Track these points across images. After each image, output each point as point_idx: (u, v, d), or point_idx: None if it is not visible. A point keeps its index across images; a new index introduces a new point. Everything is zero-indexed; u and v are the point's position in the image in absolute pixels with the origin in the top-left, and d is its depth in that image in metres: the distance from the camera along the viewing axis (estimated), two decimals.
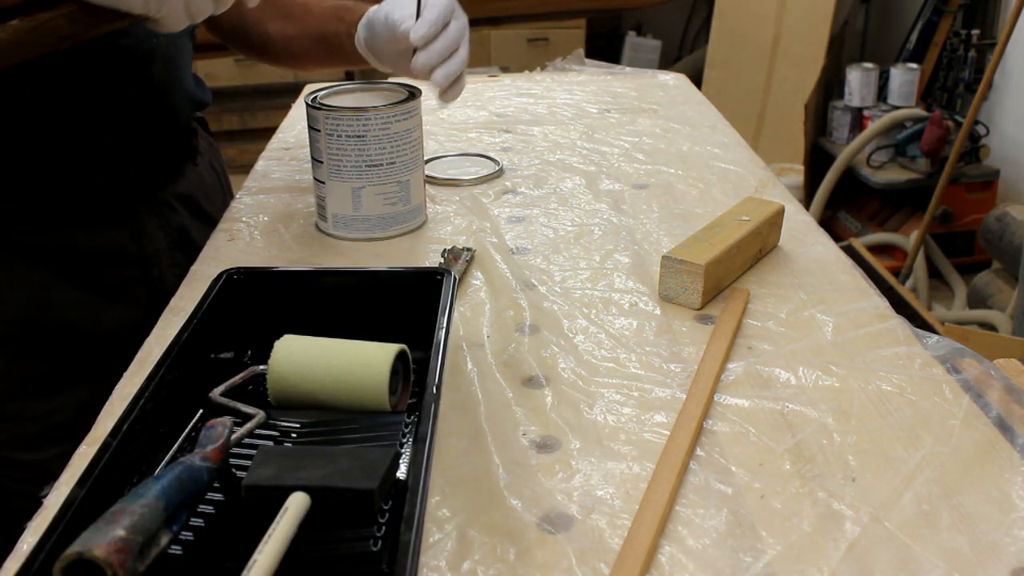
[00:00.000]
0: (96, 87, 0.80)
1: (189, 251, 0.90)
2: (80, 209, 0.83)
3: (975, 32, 3.01)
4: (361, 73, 3.17)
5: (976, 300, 2.61)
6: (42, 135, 0.79)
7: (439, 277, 0.64)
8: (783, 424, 0.60)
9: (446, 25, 0.80)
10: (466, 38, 0.83)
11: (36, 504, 0.54)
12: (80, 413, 0.78)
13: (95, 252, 0.84)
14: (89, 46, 0.78)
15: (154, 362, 0.56)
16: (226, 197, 1.03)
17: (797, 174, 3.14)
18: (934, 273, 2.84)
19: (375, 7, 0.85)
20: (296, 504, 0.45)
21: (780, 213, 0.84)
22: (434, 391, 0.53)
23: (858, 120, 3.19)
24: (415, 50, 0.80)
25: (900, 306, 2.27)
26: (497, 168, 1.05)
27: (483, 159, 1.09)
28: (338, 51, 0.92)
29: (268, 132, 1.26)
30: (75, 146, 0.81)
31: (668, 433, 0.58)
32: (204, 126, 1.04)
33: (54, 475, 0.56)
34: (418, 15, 0.80)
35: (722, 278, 0.76)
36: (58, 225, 0.81)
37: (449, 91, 0.84)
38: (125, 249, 0.86)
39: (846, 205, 3.17)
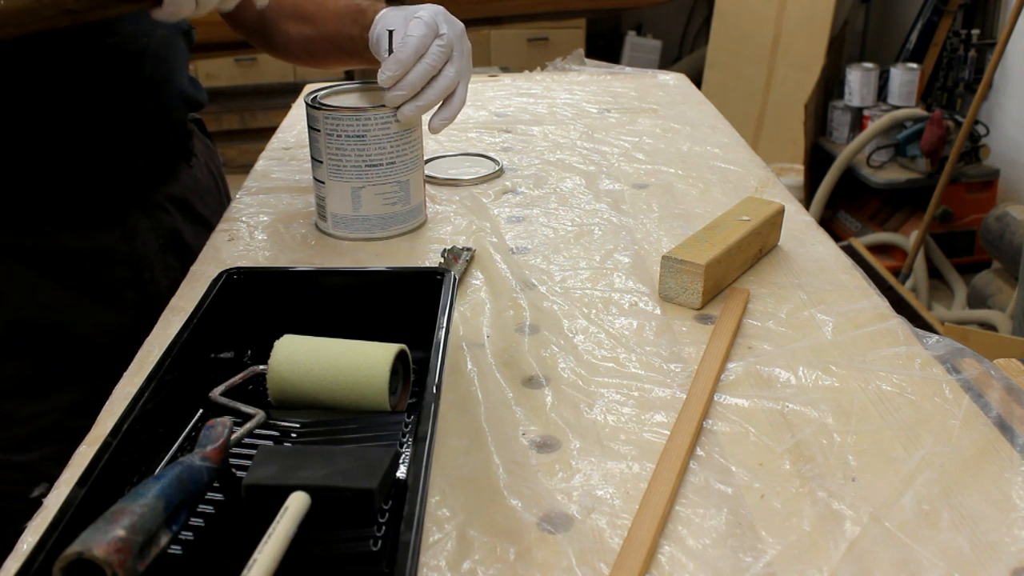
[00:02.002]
0: (84, 87, 0.80)
1: (182, 254, 0.90)
2: (70, 210, 0.82)
3: (975, 32, 3.01)
4: (361, 73, 3.17)
5: (976, 300, 2.61)
6: (30, 135, 0.79)
7: (439, 277, 0.64)
8: (783, 424, 0.60)
9: (422, 56, 0.79)
10: (455, 58, 0.82)
11: (27, 505, 0.54)
12: (70, 415, 0.79)
13: (85, 254, 0.83)
14: (76, 44, 0.78)
15: (154, 362, 0.56)
16: (223, 199, 1.02)
17: (797, 174, 3.14)
18: (934, 273, 2.84)
19: (381, 14, 0.85)
20: (296, 504, 0.45)
21: (780, 213, 0.84)
22: (434, 391, 0.53)
23: (858, 120, 3.20)
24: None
25: (900, 306, 2.27)
26: (497, 168, 1.05)
27: (483, 159, 1.09)
28: (355, 53, 0.92)
29: (268, 132, 1.26)
30: (63, 146, 0.81)
31: (668, 433, 0.58)
32: (201, 127, 1.03)
33: (44, 476, 0.56)
34: (391, 49, 0.80)
35: (722, 278, 0.76)
36: (47, 226, 0.81)
37: (435, 120, 0.84)
38: (116, 251, 0.85)
39: (846, 205, 3.17)
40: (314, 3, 0.97)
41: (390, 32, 0.81)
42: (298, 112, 1.30)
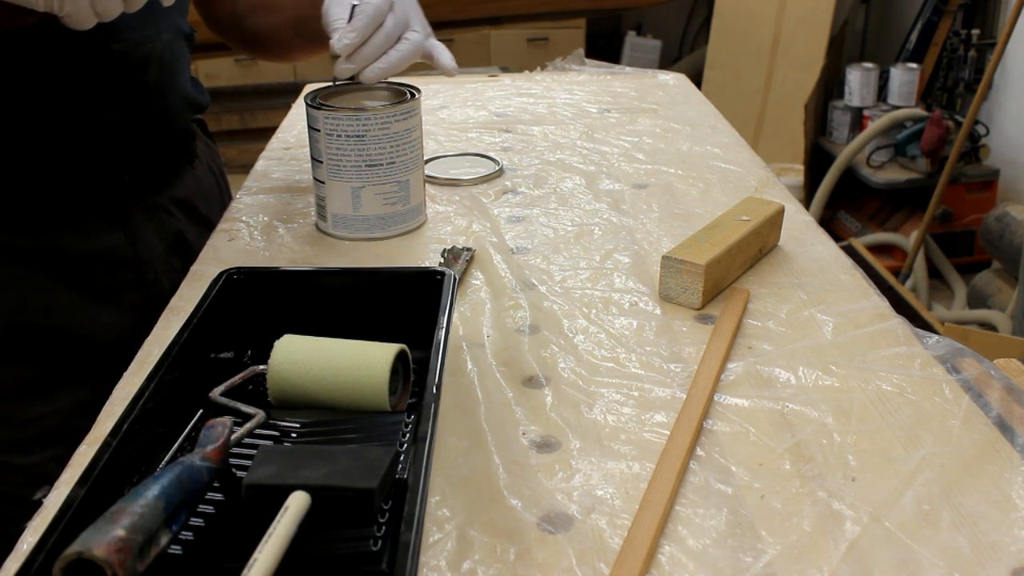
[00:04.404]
0: (89, 92, 0.80)
1: (185, 255, 0.90)
2: (74, 213, 0.82)
3: (975, 32, 3.01)
4: None
5: (976, 300, 2.61)
6: (34, 139, 0.79)
7: (439, 277, 0.64)
8: (783, 424, 0.60)
9: (380, 26, 0.80)
10: (415, 21, 0.83)
11: (29, 508, 0.53)
12: (73, 417, 0.78)
13: (89, 256, 0.83)
14: (81, 50, 0.78)
15: (154, 362, 0.56)
16: (225, 200, 1.02)
17: (797, 174, 3.14)
18: (934, 273, 2.84)
19: None
20: (296, 503, 0.45)
21: (780, 213, 0.84)
22: (434, 391, 0.53)
23: (858, 120, 3.20)
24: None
25: (900, 306, 2.27)
26: (497, 168, 1.05)
27: (483, 159, 1.09)
28: (314, 37, 0.92)
29: (268, 132, 1.25)
30: (68, 150, 0.81)
31: (668, 433, 0.58)
32: (203, 128, 1.04)
33: (47, 479, 0.56)
34: (350, 19, 0.80)
35: (722, 278, 0.76)
36: (52, 229, 0.81)
37: (446, 64, 0.86)
38: (120, 254, 0.85)
39: (846, 205, 3.17)
40: None
41: (354, 6, 0.81)
42: (298, 112, 1.30)
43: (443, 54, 0.86)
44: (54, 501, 0.52)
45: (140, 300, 0.86)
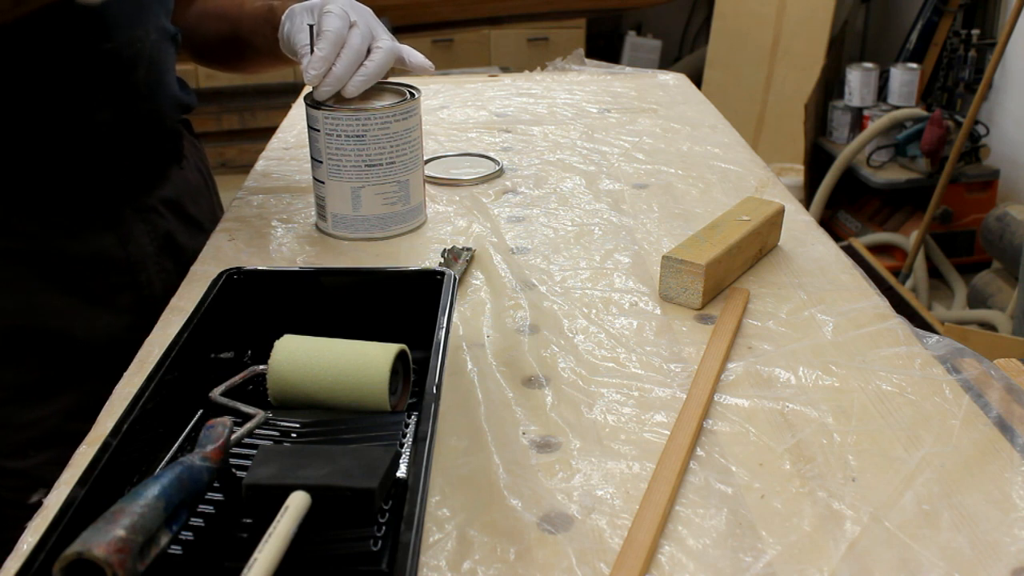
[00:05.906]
0: (82, 92, 0.80)
1: (176, 256, 0.90)
2: (66, 215, 0.82)
3: (975, 32, 3.01)
4: None
5: (976, 300, 2.61)
6: (25, 141, 0.79)
7: (439, 277, 0.64)
8: (783, 424, 0.60)
9: (342, 48, 0.81)
10: (379, 33, 0.84)
11: (25, 511, 0.53)
12: (68, 419, 0.78)
13: (82, 258, 0.83)
14: (72, 49, 0.78)
15: (154, 362, 0.56)
16: (213, 200, 1.03)
17: (797, 174, 3.14)
18: (934, 273, 2.84)
19: (288, 12, 0.85)
20: (296, 503, 0.45)
21: (780, 213, 0.84)
22: (434, 391, 0.53)
23: (858, 120, 3.20)
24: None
25: (900, 306, 2.27)
26: (497, 168, 1.05)
27: (483, 159, 1.09)
28: (268, 52, 0.93)
29: (268, 132, 1.26)
30: (59, 151, 0.81)
31: (668, 433, 0.58)
32: (188, 128, 1.04)
33: (43, 482, 0.56)
34: (312, 47, 0.81)
35: (722, 278, 0.76)
36: (44, 232, 0.81)
37: (416, 65, 0.87)
38: (112, 255, 0.85)
39: (846, 205, 3.17)
40: (234, 5, 0.99)
41: (311, 27, 0.81)
42: (298, 112, 1.30)
43: (414, 55, 0.86)
44: (54, 501, 0.52)
45: (133, 302, 0.86)
